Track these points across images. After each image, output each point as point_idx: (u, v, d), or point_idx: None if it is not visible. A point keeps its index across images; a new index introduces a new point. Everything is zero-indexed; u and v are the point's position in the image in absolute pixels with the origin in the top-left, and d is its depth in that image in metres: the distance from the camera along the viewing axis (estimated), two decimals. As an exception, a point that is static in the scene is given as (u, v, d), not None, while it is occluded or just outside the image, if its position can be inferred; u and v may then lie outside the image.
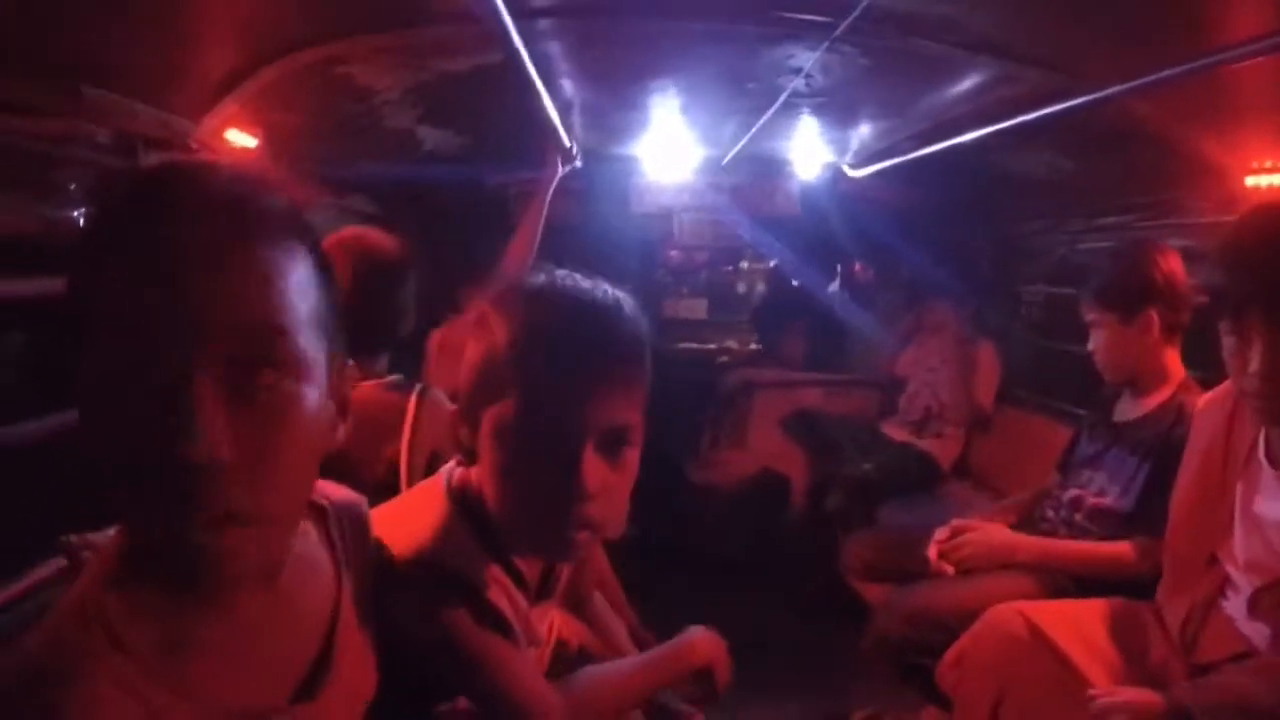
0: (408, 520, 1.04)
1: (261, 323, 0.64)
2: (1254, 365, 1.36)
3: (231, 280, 0.63)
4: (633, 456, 0.99)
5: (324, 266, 0.72)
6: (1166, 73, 1.52)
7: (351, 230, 1.85)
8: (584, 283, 1.00)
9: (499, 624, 1.01)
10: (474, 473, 1.04)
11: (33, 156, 1.48)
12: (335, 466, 1.01)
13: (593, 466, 0.93)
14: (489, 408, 0.96)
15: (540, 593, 1.16)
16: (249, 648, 0.73)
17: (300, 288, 0.67)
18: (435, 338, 3.09)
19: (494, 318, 0.98)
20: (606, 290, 1.00)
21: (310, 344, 0.68)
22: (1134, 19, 1.56)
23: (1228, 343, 1.44)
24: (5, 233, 1.51)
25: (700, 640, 1.29)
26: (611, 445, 0.96)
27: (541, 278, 1.01)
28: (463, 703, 1.04)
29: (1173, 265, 1.99)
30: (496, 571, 1.03)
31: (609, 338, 0.96)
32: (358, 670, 0.87)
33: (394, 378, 1.77)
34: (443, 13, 1.75)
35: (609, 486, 0.96)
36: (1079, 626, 1.76)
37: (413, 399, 1.68)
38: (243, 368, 0.63)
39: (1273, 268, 1.35)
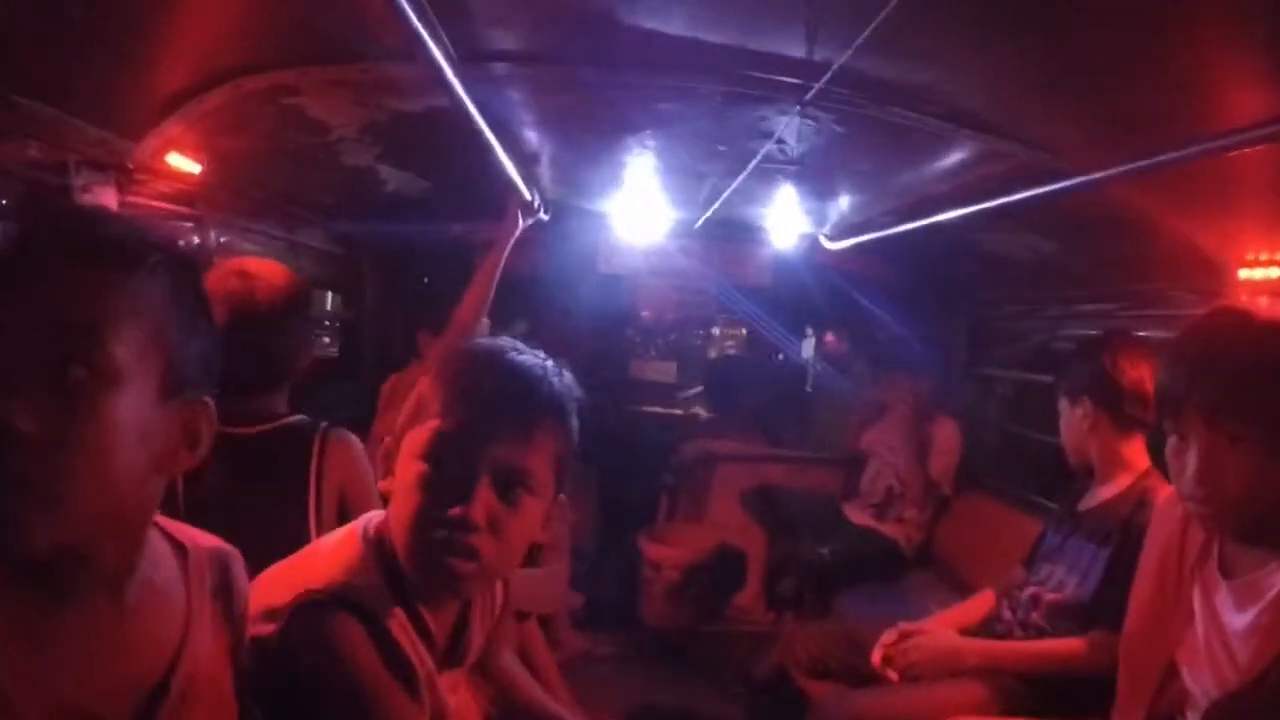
0: (320, 559, 1.09)
1: (75, 324, 0.72)
2: (1190, 469, 1.32)
3: (59, 289, 0.73)
4: (530, 505, 1.07)
5: (188, 304, 0.82)
6: (1156, 159, 1.50)
7: (236, 262, 1.75)
8: (523, 351, 1.12)
9: (402, 667, 1.04)
10: (390, 522, 1.10)
11: None
12: (233, 514, 1.17)
13: (484, 499, 1.02)
14: (412, 431, 1.07)
15: (449, 658, 1.18)
16: (91, 654, 0.79)
17: (136, 309, 0.76)
18: (389, 383, 2.99)
19: (440, 369, 1.12)
20: (540, 358, 1.12)
21: (132, 357, 0.75)
22: (1123, 101, 1.54)
23: (1170, 445, 1.40)
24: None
25: None
26: (507, 486, 1.04)
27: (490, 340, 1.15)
28: None
29: (1125, 360, 2.00)
30: (404, 619, 1.07)
31: (522, 390, 1.07)
32: (206, 716, 0.90)
33: (297, 417, 1.68)
34: (392, 51, 1.68)
35: (499, 525, 1.04)
36: None
37: (317, 438, 1.62)
38: (56, 363, 0.71)
39: (1211, 372, 1.30)
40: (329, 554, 1.10)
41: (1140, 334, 2.34)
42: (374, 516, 1.14)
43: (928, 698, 1.92)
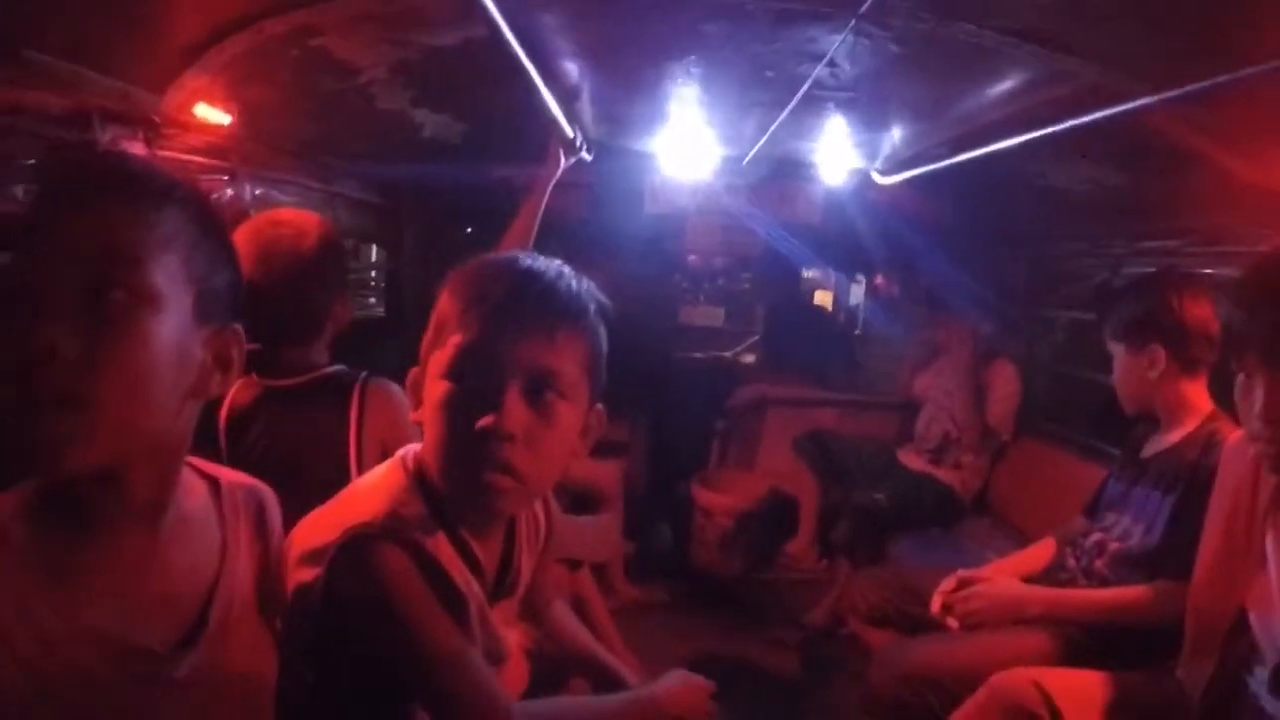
0: (362, 496, 1.08)
1: (114, 253, 0.78)
2: (1256, 407, 1.31)
3: (98, 221, 0.79)
4: (563, 411, 1.05)
5: (214, 236, 0.87)
6: (1226, 77, 1.39)
7: (270, 213, 1.76)
8: (536, 257, 1.10)
9: (451, 597, 1.03)
10: (424, 449, 1.09)
11: None
12: (274, 465, 1.24)
13: (513, 407, 1.00)
14: (434, 353, 1.06)
15: (498, 588, 1.17)
16: (129, 584, 0.84)
17: (168, 239, 0.81)
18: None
19: (450, 284, 1.09)
20: (550, 262, 1.10)
21: (166, 283, 0.80)
22: (1203, 17, 1.42)
23: (1239, 384, 1.39)
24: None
25: (678, 690, 1.27)
26: (536, 391, 1.02)
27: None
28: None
29: (1188, 299, 1.97)
30: (450, 549, 1.06)
31: (540, 291, 1.05)
32: (246, 652, 0.94)
33: (336, 368, 1.69)
34: None
35: (532, 433, 1.02)
36: (1096, 702, 1.67)
37: (356, 387, 1.63)
38: (97, 289, 0.76)
39: (1272, 309, 1.30)
40: (371, 489, 1.09)
41: (1205, 271, 2.29)
42: (414, 448, 1.13)
43: (989, 647, 1.89)
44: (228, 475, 1.00)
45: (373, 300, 4.04)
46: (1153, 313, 1.99)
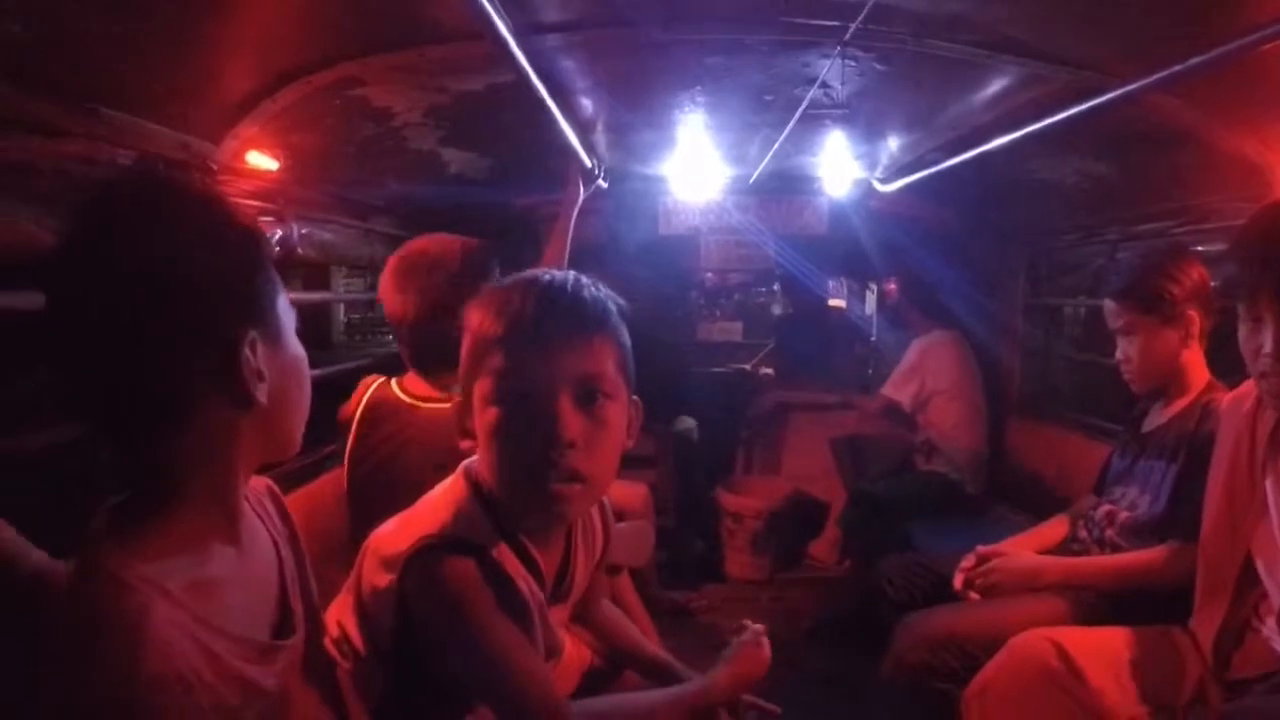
0: (430, 507, 1.15)
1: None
2: (1267, 347, 1.42)
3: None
4: (612, 410, 1.10)
5: (233, 241, 0.88)
6: (1195, 60, 1.49)
7: (414, 243, 1.86)
8: (548, 274, 1.14)
9: (515, 602, 1.10)
10: (483, 470, 1.14)
11: (51, 175, 1.50)
12: (393, 484, 1.28)
13: (569, 415, 1.05)
14: (476, 383, 1.10)
15: (554, 594, 1.21)
16: (237, 593, 0.88)
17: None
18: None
19: (476, 310, 1.13)
20: (565, 274, 1.14)
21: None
22: (1158, 8, 1.54)
23: (1243, 330, 1.50)
24: (20, 247, 1.52)
25: (724, 680, 1.32)
26: (586, 396, 1.07)
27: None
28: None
29: (1201, 269, 2.02)
30: (513, 556, 1.12)
31: (568, 303, 1.09)
32: (315, 632, 1.03)
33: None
34: (452, 31, 1.78)
35: (588, 438, 1.07)
36: (1112, 655, 1.72)
37: None
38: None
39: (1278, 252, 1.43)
40: (438, 501, 1.15)
41: (1198, 247, 2.33)
42: (472, 461, 1.18)
43: (1008, 612, 1.95)
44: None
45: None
46: (1185, 282, 1.99)
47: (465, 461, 1.19)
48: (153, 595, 0.76)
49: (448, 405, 1.67)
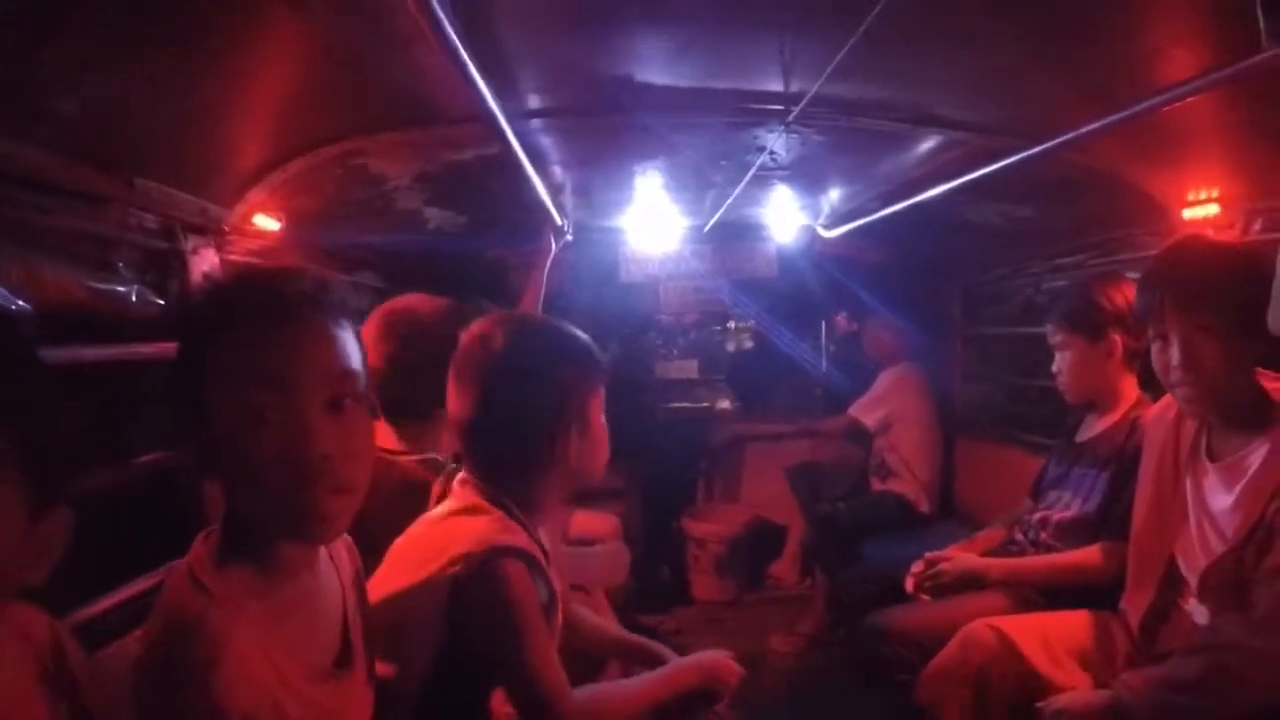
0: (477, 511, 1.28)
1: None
2: (1175, 359, 1.57)
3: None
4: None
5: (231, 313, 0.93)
6: (1097, 124, 1.60)
7: (402, 299, 1.90)
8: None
9: (550, 597, 1.23)
10: None
11: (86, 236, 1.59)
12: (362, 534, 1.18)
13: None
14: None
15: None
16: (308, 619, 0.97)
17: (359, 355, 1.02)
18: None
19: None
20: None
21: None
22: (1063, 80, 1.69)
23: (1155, 349, 1.65)
24: (61, 304, 1.58)
25: (707, 660, 1.45)
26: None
27: None
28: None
29: (1130, 295, 2.06)
30: (542, 558, 1.24)
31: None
32: (369, 661, 1.09)
33: (429, 455, 1.79)
34: (453, 113, 1.93)
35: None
36: (1047, 638, 1.87)
37: (440, 479, 1.67)
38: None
39: (1180, 275, 1.59)
40: (480, 506, 1.29)
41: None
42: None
43: (956, 608, 2.08)
44: None
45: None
46: (1110, 306, 2.13)
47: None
48: (234, 613, 0.85)
49: (414, 458, 1.72)
